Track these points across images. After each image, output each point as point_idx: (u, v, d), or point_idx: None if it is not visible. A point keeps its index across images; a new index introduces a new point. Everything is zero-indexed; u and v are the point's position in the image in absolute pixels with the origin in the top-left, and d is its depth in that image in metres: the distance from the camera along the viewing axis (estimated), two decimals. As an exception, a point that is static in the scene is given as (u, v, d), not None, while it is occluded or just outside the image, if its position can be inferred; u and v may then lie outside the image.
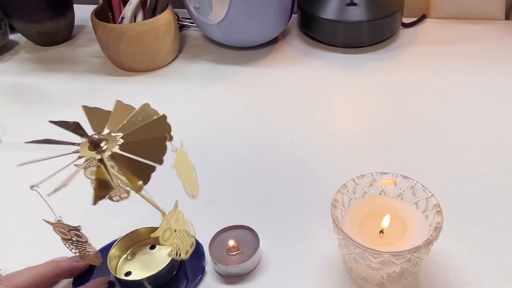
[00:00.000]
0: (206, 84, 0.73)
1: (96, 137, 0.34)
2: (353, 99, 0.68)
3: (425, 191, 0.41)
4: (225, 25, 0.73)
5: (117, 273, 0.43)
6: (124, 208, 0.47)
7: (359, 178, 0.43)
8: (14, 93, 0.74)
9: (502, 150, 0.56)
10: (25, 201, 0.55)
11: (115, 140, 0.35)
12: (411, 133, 0.60)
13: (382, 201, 0.43)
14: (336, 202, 0.41)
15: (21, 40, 0.88)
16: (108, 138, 0.35)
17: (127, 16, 0.72)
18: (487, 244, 0.46)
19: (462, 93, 0.66)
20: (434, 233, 0.37)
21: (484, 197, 0.50)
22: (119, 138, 0.35)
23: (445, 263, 0.44)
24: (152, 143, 0.35)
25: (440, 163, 0.55)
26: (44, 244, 0.49)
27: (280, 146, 0.59)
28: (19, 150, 0.62)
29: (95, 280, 0.43)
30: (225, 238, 0.45)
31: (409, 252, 0.36)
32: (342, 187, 0.42)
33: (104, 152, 0.34)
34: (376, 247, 0.37)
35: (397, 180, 0.43)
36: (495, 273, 0.43)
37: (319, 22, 0.77)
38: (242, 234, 0.46)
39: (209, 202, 0.52)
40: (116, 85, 0.74)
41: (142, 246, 0.46)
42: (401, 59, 0.75)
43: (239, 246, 0.45)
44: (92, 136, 0.34)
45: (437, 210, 0.39)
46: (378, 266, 0.38)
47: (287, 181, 0.55)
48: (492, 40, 0.77)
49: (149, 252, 0.45)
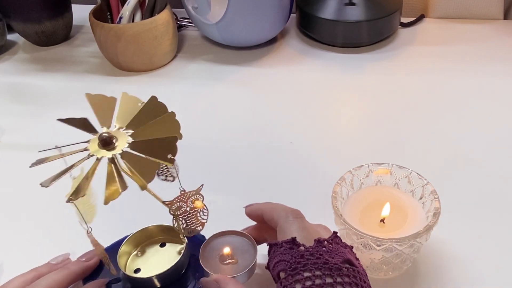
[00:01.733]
0: (205, 84, 0.73)
1: (107, 136, 0.34)
2: (352, 99, 0.68)
3: (421, 179, 0.43)
4: (224, 25, 0.73)
5: (127, 270, 0.42)
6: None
7: (355, 170, 0.44)
8: (12, 93, 0.74)
9: (501, 149, 0.57)
10: (25, 201, 0.54)
11: (125, 138, 0.35)
12: (410, 132, 0.60)
13: (380, 191, 0.44)
14: (336, 194, 0.42)
15: (19, 40, 0.88)
16: (117, 136, 0.35)
17: (125, 16, 0.72)
18: (481, 231, 0.47)
19: (460, 93, 0.66)
20: (433, 218, 0.39)
21: (479, 186, 0.51)
22: (129, 136, 0.35)
23: (440, 247, 0.45)
24: (162, 143, 0.35)
25: (440, 163, 0.55)
26: (44, 244, 0.49)
27: (279, 146, 0.59)
28: (18, 150, 0.62)
29: (93, 282, 0.42)
30: (220, 244, 0.43)
31: (411, 238, 0.38)
32: (340, 179, 0.43)
33: (114, 149, 0.34)
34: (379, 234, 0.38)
35: (393, 170, 0.44)
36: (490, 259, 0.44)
37: (317, 22, 0.77)
38: (239, 242, 0.43)
39: (208, 201, 0.52)
40: (115, 85, 0.74)
41: (152, 243, 0.45)
42: (400, 59, 0.75)
43: (233, 255, 0.42)
44: (102, 134, 0.34)
45: (434, 197, 0.41)
46: (381, 253, 0.39)
47: (286, 180, 0.55)
48: (491, 39, 0.77)
49: (159, 250, 0.44)
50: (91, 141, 0.35)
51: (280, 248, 0.35)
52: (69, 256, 0.45)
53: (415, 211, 0.42)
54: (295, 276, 0.32)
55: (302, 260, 0.33)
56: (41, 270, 0.42)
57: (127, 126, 0.36)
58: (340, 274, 0.32)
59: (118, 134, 0.35)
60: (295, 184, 0.54)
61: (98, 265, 0.44)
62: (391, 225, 0.41)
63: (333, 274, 0.32)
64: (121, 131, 0.36)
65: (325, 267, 0.32)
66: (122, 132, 0.36)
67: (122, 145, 0.34)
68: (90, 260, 0.43)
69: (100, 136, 0.34)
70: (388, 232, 0.41)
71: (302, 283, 0.32)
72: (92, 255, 0.43)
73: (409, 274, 0.43)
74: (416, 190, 0.43)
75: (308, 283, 0.31)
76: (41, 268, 0.43)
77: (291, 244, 0.34)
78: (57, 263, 0.44)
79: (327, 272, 0.32)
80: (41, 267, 0.43)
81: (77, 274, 0.42)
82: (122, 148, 0.34)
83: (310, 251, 0.33)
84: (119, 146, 0.34)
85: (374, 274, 0.43)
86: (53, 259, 0.44)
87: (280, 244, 0.35)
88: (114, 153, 0.34)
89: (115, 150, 0.34)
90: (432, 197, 0.41)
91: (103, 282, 0.42)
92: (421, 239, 0.39)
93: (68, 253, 0.45)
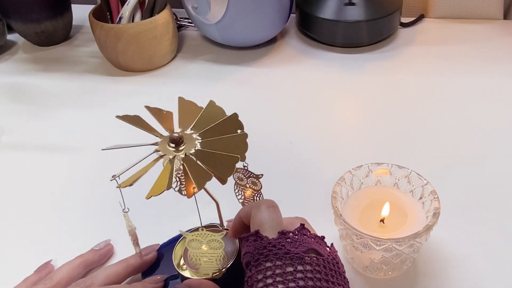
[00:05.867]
0: (205, 84, 0.73)
1: (177, 136, 0.36)
2: (352, 99, 0.68)
3: (421, 179, 0.43)
4: (224, 25, 0.73)
5: (180, 269, 0.42)
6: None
7: (355, 170, 0.44)
8: (12, 93, 0.74)
9: (501, 149, 0.57)
10: (25, 201, 0.54)
11: (193, 144, 0.37)
12: (410, 132, 0.60)
13: (380, 191, 0.44)
14: (335, 194, 0.42)
15: (19, 40, 0.88)
16: (187, 139, 0.37)
17: (125, 16, 0.72)
18: (481, 231, 0.47)
19: (460, 92, 0.66)
20: (433, 218, 0.39)
21: (479, 186, 0.52)
22: (198, 143, 0.37)
23: (440, 247, 0.46)
24: (224, 159, 0.36)
25: (440, 163, 0.55)
26: (44, 244, 0.49)
27: (279, 146, 0.59)
28: (18, 150, 0.62)
29: (150, 278, 0.43)
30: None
31: (410, 238, 0.38)
32: (340, 179, 0.43)
33: (180, 152, 0.36)
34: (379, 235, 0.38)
35: (392, 170, 0.44)
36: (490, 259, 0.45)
37: (317, 22, 0.77)
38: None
39: (207, 202, 0.52)
40: (114, 85, 0.74)
41: None
42: (400, 59, 0.75)
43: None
44: (173, 134, 0.36)
45: (434, 196, 0.41)
46: (380, 253, 0.39)
47: (286, 180, 0.55)
48: (491, 39, 0.77)
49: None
50: (163, 138, 0.37)
51: (247, 241, 0.35)
52: (110, 242, 0.47)
53: (414, 211, 0.42)
54: (257, 267, 0.33)
55: (264, 251, 0.33)
56: (86, 256, 0.44)
57: (200, 134, 0.38)
58: (301, 262, 0.32)
59: (189, 138, 0.37)
60: (295, 184, 0.54)
61: (156, 261, 0.44)
62: (391, 225, 0.42)
63: (293, 263, 0.32)
64: (192, 135, 0.38)
65: (285, 256, 0.32)
66: (188, 133, 0.38)
67: (188, 150, 0.36)
68: (148, 254, 0.44)
69: (171, 136, 0.36)
70: (388, 232, 0.41)
71: (263, 273, 0.32)
72: (150, 249, 0.45)
73: (409, 274, 0.43)
74: (416, 190, 0.43)
75: (269, 272, 0.32)
76: (86, 254, 0.44)
77: (255, 237, 0.34)
78: (100, 248, 0.46)
79: (288, 262, 0.32)
80: (86, 254, 0.45)
81: (134, 267, 0.43)
82: (187, 152, 0.36)
83: (273, 242, 0.34)
84: (185, 150, 0.36)
85: (374, 274, 0.43)
86: (96, 245, 0.46)
87: (246, 238, 0.35)
88: (178, 154, 0.36)
89: (180, 152, 0.36)
90: (432, 197, 0.41)
91: (161, 279, 0.43)
92: (420, 239, 0.39)
93: (109, 239, 0.47)
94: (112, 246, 0.46)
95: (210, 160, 0.36)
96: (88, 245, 0.46)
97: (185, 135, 0.37)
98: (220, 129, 0.38)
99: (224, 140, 0.37)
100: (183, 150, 0.36)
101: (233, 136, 0.38)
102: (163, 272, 0.43)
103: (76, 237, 0.50)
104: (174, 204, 0.49)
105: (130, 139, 0.39)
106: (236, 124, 0.39)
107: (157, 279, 0.42)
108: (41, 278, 0.42)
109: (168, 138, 0.36)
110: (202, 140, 0.37)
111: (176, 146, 0.36)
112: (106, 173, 0.36)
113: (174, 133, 0.36)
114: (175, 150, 0.36)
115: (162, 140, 0.37)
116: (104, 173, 0.56)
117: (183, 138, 0.36)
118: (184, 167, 0.35)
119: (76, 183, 0.56)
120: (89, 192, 0.55)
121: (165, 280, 0.43)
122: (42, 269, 0.44)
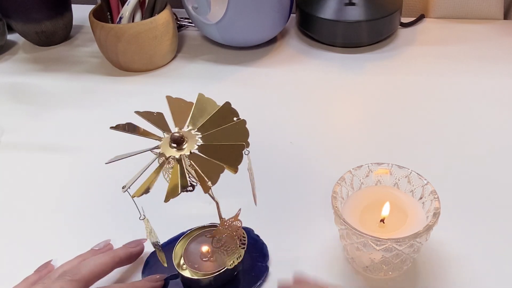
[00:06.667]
0: (205, 84, 0.73)
1: (178, 135, 0.36)
2: (352, 99, 0.68)
3: (421, 179, 0.43)
4: (224, 25, 0.73)
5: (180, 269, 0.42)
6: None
7: (355, 170, 0.44)
8: (12, 93, 0.74)
9: (501, 149, 0.57)
10: (25, 201, 0.54)
11: (195, 140, 0.36)
12: (410, 132, 0.60)
13: (380, 191, 0.44)
14: (336, 194, 0.42)
15: (19, 40, 0.88)
16: (188, 136, 0.36)
17: (125, 16, 0.72)
18: (481, 231, 0.47)
19: (460, 92, 0.66)
20: (433, 218, 0.39)
21: (479, 185, 0.52)
22: (199, 138, 0.37)
23: (440, 247, 0.46)
24: (230, 149, 0.36)
25: (440, 163, 0.55)
26: (44, 243, 0.49)
27: (279, 146, 0.59)
28: (18, 150, 0.62)
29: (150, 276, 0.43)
30: (204, 240, 0.43)
31: (411, 238, 0.38)
32: (340, 179, 0.43)
33: (183, 150, 0.35)
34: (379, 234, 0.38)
35: (393, 170, 0.44)
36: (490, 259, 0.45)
37: (317, 22, 0.77)
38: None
39: (207, 202, 0.52)
40: (114, 85, 0.74)
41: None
42: (400, 59, 0.75)
43: (213, 254, 0.42)
44: (174, 134, 0.36)
45: (434, 196, 0.41)
46: (381, 253, 0.39)
47: (286, 180, 0.55)
48: (491, 39, 0.77)
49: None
50: (163, 140, 0.37)
51: None
52: (110, 242, 0.47)
53: (415, 211, 0.42)
54: None
55: None
56: (85, 256, 0.44)
57: (198, 129, 0.38)
58: None
59: (188, 135, 0.37)
60: (295, 184, 0.54)
61: (157, 260, 0.44)
62: (391, 225, 0.42)
63: None
64: (192, 132, 0.37)
65: None
66: (193, 133, 0.37)
67: (191, 147, 0.36)
68: (136, 247, 0.45)
69: (172, 136, 0.36)
70: (388, 232, 0.41)
71: None
72: (137, 242, 0.45)
73: (409, 274, 0.43)
74: (416, 190, 0.43)
75: None
76: (85, 254, 0.45)
77: None
78: (100, 248, 0.46)
79: None
80: (85, 254, 0.45)
81: (121, 258, 0.43)
82: (191, 149, 0.36)
83: None
84: (188, 147, 0.36)
85: (374, 274, 0.43)
86: (96, 246, 0.46)
87: None
88: (182, 153, 0.35)
89: (183, 151, 0.35)
90: (432, 197, 0.41)
91: (161, 278, 0.43)
92: (421, 239, 0.39)
93: (109, 239, 0.47)
94: (112, 246, 0.47)
95: (217, 152, 0.35)
96: (88, 245, 0.46)
97: (184, 133, 0.37)
98: (217, 120, 0.38)
99: (224, 131, 0.37)
100: (186, 148, 0.36)
101: (231, 125, 0.37)
102: (163, 272, 0.43)
103: (76, 237, 0.50)
104: (174, 204, 0.49)
105: (130, 139, 0.39)
106: (230, 113, 0.38)
107: (157, 278, 0.43)
108: (41, 278, 0.43)
109: (168, 139, 0.36)
110: (202, 134, 0.37)
111: (178, 145, 0.36)
112: (106, 173, 0.37)
113: (174, 132, 0.36)
114: (179, 150, 0.36)
115: (163, 142, 0.37)
116: (104, 173, 0.57)
117: (184, 136, 0.36)
118: (192, 164, 0.35)
119: (76, 183, 0.56)
120: (89, 192, 0.55)
121: (165, 279, 0.43)
122: (42, 269, 0.44)
